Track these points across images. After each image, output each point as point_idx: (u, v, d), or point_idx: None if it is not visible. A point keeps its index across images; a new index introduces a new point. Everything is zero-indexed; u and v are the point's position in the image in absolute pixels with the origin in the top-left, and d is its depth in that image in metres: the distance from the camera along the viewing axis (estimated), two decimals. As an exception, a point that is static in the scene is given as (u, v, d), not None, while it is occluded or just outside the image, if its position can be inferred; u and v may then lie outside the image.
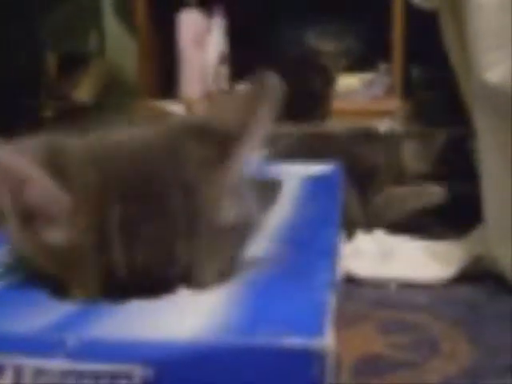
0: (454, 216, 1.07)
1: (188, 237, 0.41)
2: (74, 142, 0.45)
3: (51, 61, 2.30)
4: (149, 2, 2.14)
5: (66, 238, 0.42)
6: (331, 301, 0.40)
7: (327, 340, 0.35)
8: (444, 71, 1.06)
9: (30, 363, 0.36)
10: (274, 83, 0.45)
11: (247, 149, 0.44)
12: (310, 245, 0.51)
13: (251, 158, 0.46)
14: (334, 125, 1.73)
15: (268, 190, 0.68)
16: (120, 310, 0.40)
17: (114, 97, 2.21)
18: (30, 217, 0.43)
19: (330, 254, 0.49)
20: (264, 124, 0.45)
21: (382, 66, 2.07)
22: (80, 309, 0.41)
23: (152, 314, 0.40)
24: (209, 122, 0.46)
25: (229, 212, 0.43)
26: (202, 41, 2.08)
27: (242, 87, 2.09)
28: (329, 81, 1.84)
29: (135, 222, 0.41)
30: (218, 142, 0.43)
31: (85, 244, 0.41)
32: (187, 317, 0.39)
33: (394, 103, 1.93)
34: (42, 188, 0.42)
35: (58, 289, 0.44)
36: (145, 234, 0.41)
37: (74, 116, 1.95)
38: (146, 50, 2.10)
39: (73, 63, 2.27)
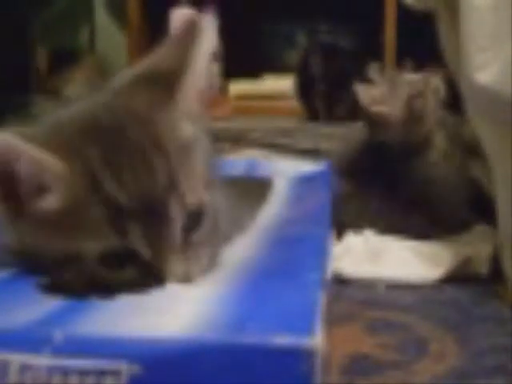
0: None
1: (159, 154, 0.47)
2: (48, 118, 0.52)
3: (42, 56, 2.29)
4: (141, -1, 2.14)
5: (62, 200, 0.46)
6: (321, 300, 0.40)
7: (317, 339, 0.34)
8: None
9: (16, 359, 0.36)
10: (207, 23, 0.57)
11: (190, 80, 0.52)
12: (300, 244, 0.51)
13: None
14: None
15: (258, 188, 0.68)
16: (107, 306, 0.40)
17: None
18: (17, 197, 0.47)
19: (319, 253, 0.49)
20: (202, 56, 0.55)
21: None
22: (67, 304, 0.41)
23: (140, 310, 0.40)
24: (152, 68, 0.53)
25: (187, 131, 0.50)
26: (193, 38, 2.07)
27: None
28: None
29: (114, 157, 0.47)
30: (164, 83, 0.51)
31: (82, 193, 0.45)
32: (176, 313, 0.38)
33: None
34: (34, 161, 0.46)
35: (46, 284, 0.44)
36: (126, 163, 0.47)
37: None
38: (137, 46, 2.09)
39: (63, 59, 2.27)
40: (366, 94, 1.01)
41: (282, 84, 2.06)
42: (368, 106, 1.00)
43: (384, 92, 1.01)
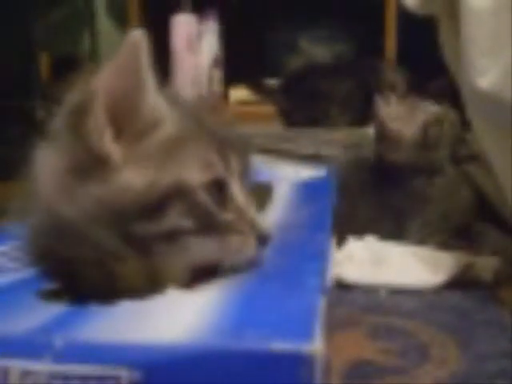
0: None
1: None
2: None
3: (44, 62, 2.29)
4: (142, 4, 2.14)
5: (175, 129, 0.48)
6: (321, 305, 0.40)
7: (317, 344, 0.34)
8: (434, 75, 1.06)
9: (17, 365, 0.36)
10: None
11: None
12: (300, 249, 0.51)
13: None
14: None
15: (260, 194, 0.68)
16: (108, 312, 0.40)
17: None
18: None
19: (320, 259, 0.49)
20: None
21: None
22: (67, 310, 0.41)
23: (140, 315, 0.40)
24: None
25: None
26: (195, 44, 2.08)
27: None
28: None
29: None
30: None
31: (191, 126, 0.50)
32: (176, 319, 0.38)
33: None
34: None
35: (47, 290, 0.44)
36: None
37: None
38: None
39: (66, 65, 2.27)
40: (386, 109, 1.01)
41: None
42: (385, 122, 1.01)
43: (403, 112, 1.02)
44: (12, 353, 0.36)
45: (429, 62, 1.06)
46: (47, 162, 0.48)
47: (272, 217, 0.61)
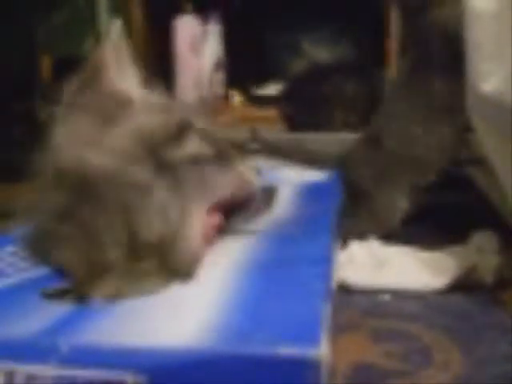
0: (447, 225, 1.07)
1: None
2: None
3: (46, 64, 2.29)
4: (145, 7, 2.14)
5: None
6: (326, 309, 0.40)
7: (322, 349, 0.34)
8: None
9: (22, 368, 0.36)
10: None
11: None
12: (304, 253, 0.51)
13: None
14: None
15: (263, 197, 0.68)
16: (114, 314, 0.40)
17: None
18: None
19: (325, 263, 0.49)
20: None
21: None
22: (73, 312, 0.41)
23: (146, 318, 0.40)
24: None
25: None
26: (198, 47, 2.08)
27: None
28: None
29: None
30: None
31: None
32: (181, 322, 0.39)
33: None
34: None
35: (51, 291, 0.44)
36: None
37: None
38: (141, 54, 2.09)
39: (68, 66, 2.27)
40: None
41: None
42: None
43: None
44: (17, 356, 0.36)
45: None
46: (67, 128, 0.50)
47: (276, 220, 0.61)
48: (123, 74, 0.52)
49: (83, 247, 0.46)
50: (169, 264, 0.46)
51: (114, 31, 0.52)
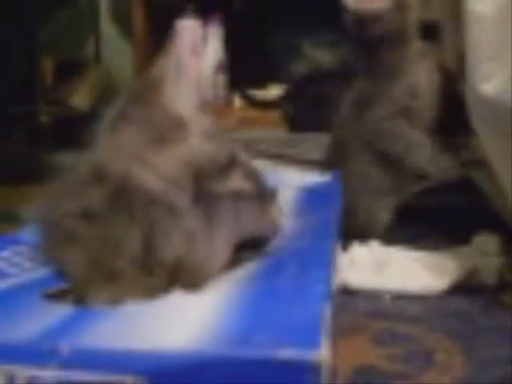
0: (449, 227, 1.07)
1: None
2: None
3: (48, 66, 2.30)
4: (146, 9, 2.14)
5: None
6: (327, 312, 0.39)
7: (323, 352, 0.34)
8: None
9: (23, 372, 0.36)
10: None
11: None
12: (305, 255, 0.51)
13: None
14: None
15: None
16: (114, 317, 0.40)
17: (110, 103, 2.21)
18: None
19: (326, 265, 0.49)
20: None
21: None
22: (74, 315, 0.41)
23: (146, 321, 0.40)
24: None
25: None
26: (199, 49, 2.08)
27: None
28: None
29: None
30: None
31: None
32: (181, 325, 0.38)
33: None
34: None
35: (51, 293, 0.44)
36: None
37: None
38: (143, 57, 2.10)
39: (69, 69, 2.27)
40: None
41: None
42: (355, 7, 1.12)
43: None
44: (18, 359, 0.36)
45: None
46: (115, 137, 0.50)
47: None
48: (180, 93, 0.52)
49: (95, 249, 0.46)
50: (179, 285, 0.46)
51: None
